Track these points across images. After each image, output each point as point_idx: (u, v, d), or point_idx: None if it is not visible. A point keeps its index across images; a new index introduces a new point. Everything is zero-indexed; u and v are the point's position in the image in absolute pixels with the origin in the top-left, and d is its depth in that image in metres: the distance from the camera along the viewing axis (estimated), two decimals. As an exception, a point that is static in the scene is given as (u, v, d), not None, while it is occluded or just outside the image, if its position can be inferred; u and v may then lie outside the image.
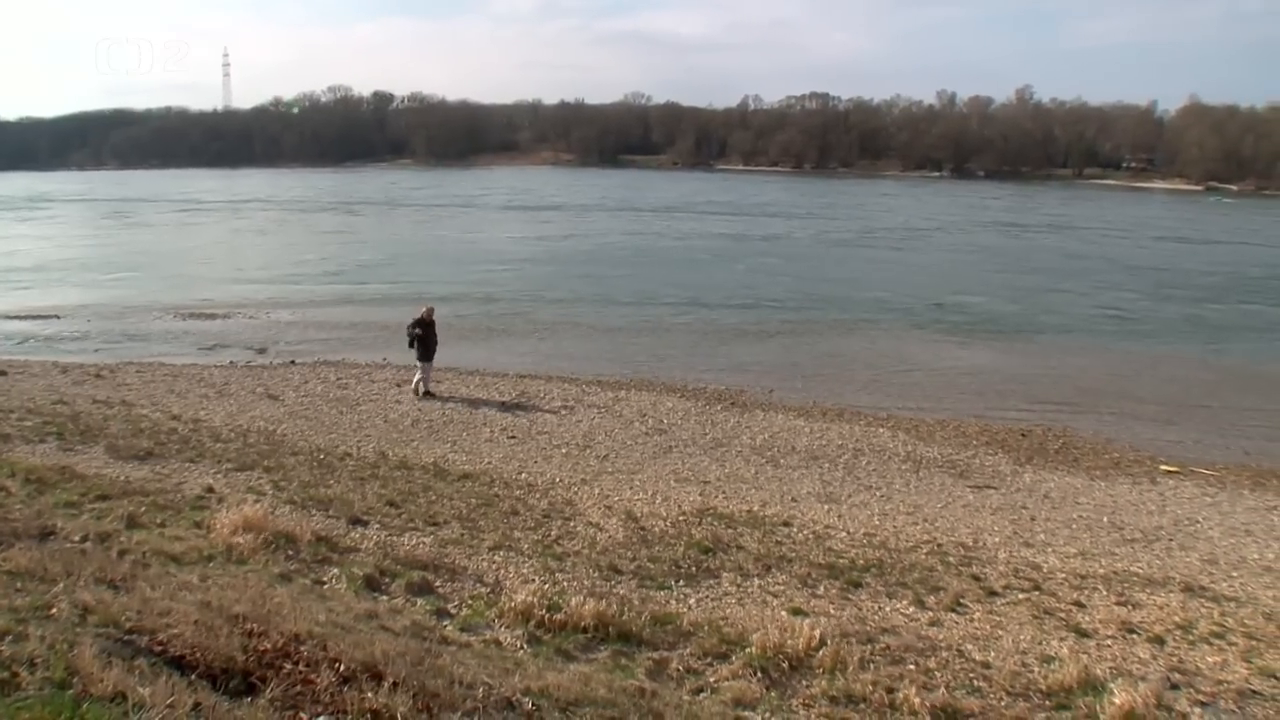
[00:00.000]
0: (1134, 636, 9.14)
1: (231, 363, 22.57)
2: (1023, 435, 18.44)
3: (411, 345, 19.36)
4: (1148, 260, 51.70)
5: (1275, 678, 8.27)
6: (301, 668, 5.02)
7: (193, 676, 4.58)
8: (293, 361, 22.74)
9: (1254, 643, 9.08)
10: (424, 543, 10.34)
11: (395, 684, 4.98)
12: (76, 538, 8.57)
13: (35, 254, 46.96)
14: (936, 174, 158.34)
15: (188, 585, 7.11)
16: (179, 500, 11.03)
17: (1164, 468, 16.62)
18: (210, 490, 11.67)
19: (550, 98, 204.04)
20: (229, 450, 14.09)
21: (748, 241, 56.80)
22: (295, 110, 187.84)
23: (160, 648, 4.93)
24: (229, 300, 32.59)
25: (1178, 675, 8.20)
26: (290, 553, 9.23)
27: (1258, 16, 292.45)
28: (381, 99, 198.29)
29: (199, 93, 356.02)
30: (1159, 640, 9.04)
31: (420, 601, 8.52)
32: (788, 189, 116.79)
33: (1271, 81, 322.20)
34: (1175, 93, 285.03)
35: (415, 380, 19.52)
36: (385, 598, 8.53)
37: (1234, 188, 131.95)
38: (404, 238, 57.63)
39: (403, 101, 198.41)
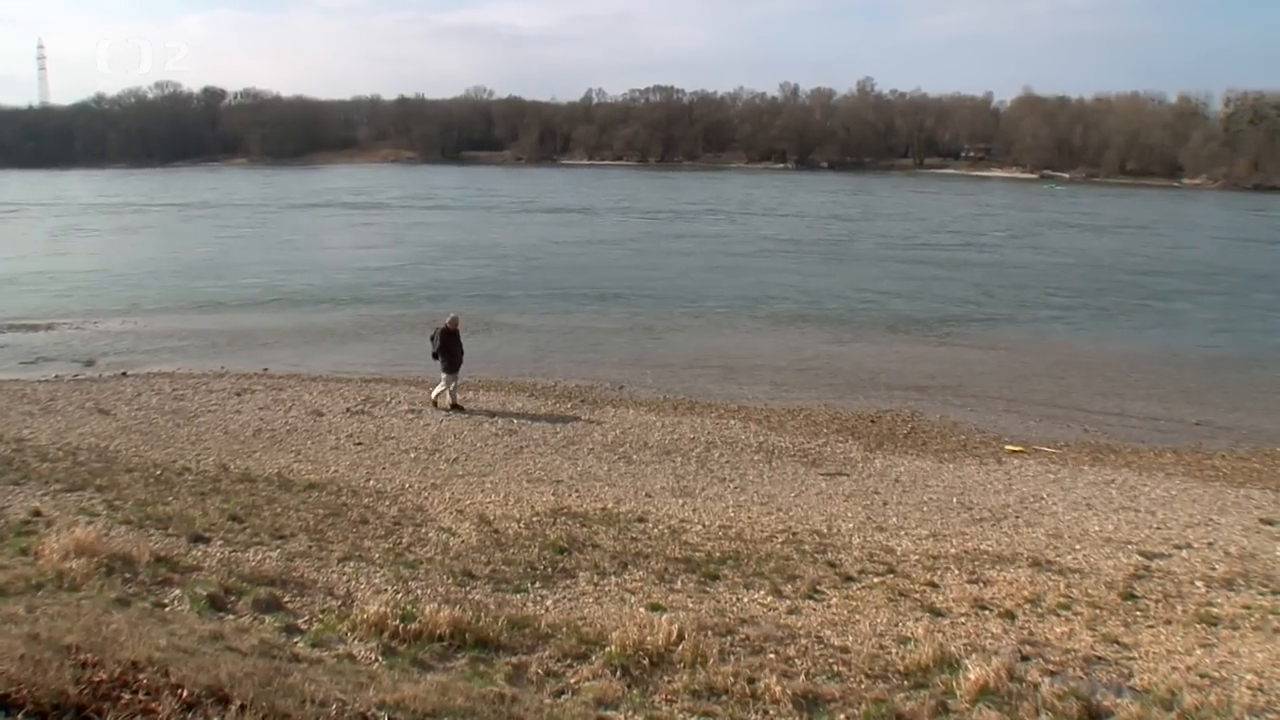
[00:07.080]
0: (986, 613, 9.59)
1: (57, 377, 21.21)
2: (872, 422, 18.99)
3: (435, 356, 18.73)
4: (993, 246, 54.59)
5: (1118, 643, 8.84)
6: (141, 697, 4.80)
7: (19, 716, 4.34)
8: (124, 373, 21.57)
9: (1097, 611, 9.68)
10: (270, 557, 10.05)
11: (243, 706, 4.82)
12: (-116, 573, 8.01)
13: None
14: (781, 165, 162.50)
15: (13, 618, 6.71)
16: (2, 527, 10.41)
17: (1009, 448, 17.37)
18: (37, 514, 11.02)
19: (389, 93, 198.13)
20: (57, 470, 13.33)
21: (585, 238, 56.85)
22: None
23: (-19, 687, 4.64)
24: (51, 310, 30.53)
25: (1028, 647, 8.64)
26: (127, 576, 8.82)
27: (1084, 12, 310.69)
28: (212, 95, 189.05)
29: (11, 87, 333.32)
30: (1010, 615, 9.53)
31: (268, 619, 8.26)
32: (633, 183, 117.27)
33: (1097, 74, 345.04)
34: (1010, 84, 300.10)
35: (435, 393, 18.86)
36: (231, 617, 8.24)
37: (1066, 175, 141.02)
38: (234, 240, 55.08)
39: (235, 98, 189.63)
